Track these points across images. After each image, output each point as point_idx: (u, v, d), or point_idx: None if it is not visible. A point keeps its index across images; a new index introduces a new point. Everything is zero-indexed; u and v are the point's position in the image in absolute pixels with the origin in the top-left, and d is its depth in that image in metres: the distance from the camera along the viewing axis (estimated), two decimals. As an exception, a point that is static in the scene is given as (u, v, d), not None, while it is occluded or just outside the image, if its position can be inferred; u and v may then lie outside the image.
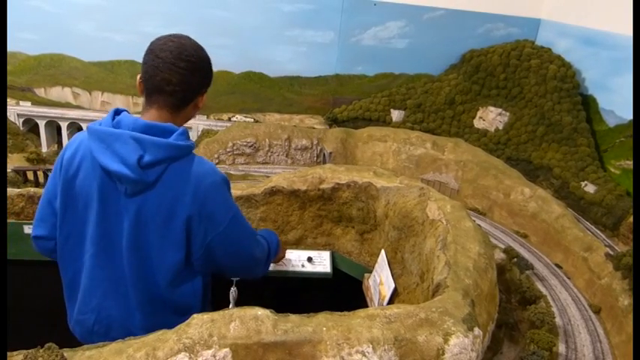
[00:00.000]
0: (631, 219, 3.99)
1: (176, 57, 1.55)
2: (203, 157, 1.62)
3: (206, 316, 1.38)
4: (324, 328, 1.40)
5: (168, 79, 1.55)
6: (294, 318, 1.43)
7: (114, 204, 1.53)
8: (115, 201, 1.53)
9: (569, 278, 3.66)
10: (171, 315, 1.65)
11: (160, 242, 1.55)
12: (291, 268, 2.65)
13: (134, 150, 1.44)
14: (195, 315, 1.38)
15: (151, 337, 1.35)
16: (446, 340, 1.46)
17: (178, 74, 1.55)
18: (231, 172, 5.42)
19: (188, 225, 1.54)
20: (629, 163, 4.52)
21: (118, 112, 1.61)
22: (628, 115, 4.66)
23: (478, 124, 6.03)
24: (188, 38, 1.64)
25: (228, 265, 1.79)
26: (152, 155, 1.46)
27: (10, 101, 6.01)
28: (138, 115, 1.60)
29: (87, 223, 1.59)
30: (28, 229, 2.42)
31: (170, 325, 1.51)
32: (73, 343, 1.70)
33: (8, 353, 1.25)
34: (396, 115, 6.28)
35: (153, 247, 1.55)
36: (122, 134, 1.47)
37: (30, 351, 1.18)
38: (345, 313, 1.52)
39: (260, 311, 1.42)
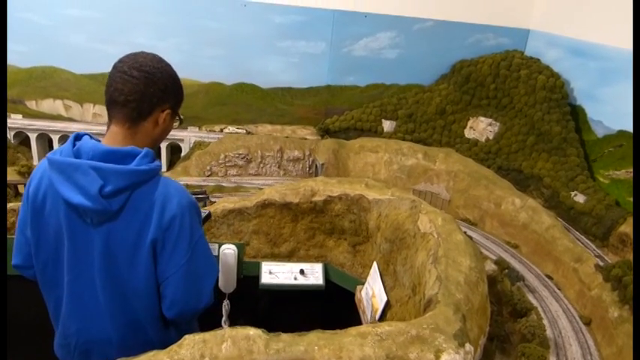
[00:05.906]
0: (620, 229, 4.03)
1: (130, 66, 1.50)
2: (169, 178, 1.56)
3: (198, 337, 1.38)
4: (316, 347, 1.40)
5: (121, 88, 1.50)
6: (285, 337, 1.43)
7: (82, 234, 1.49)
8: (83, 231, 1.48)
9: (559, 289, 3.69)
10: (152, 330, 1.62)
11: (130, 270, 1.51)
12: (283, 281, 2.64)
13: (94, 180, 1.39)
14: (186, 336, 1.38)
15: (143, 358, 1.34)
16: (437, 357, 1.46)
17: (130, 83, 1.49)
18: (224, 184, 5.42)
19: (153, 249, 1.49)
20: (618, 173, 4.57)
21: (78, 137, 1.53)
22: (616, 125, 4.72)
23: (469, 134, 6.08)
24: (152, 54, 1.57)
25: (176, 294, 1.59)
26: (113, 184, 1.40)
27: (0, 113, 5.98)
28: (101, 138, 1.55)
29: (62, 251, 1.55)
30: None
31: (150, 342, 1.50)
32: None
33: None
34: (387, 125, 6.32)
35: (124, 274, 1.52)
36: (81, 164, 1.41)
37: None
38: (337, 331, 1.52)
39: (252, 331, 1.42)
